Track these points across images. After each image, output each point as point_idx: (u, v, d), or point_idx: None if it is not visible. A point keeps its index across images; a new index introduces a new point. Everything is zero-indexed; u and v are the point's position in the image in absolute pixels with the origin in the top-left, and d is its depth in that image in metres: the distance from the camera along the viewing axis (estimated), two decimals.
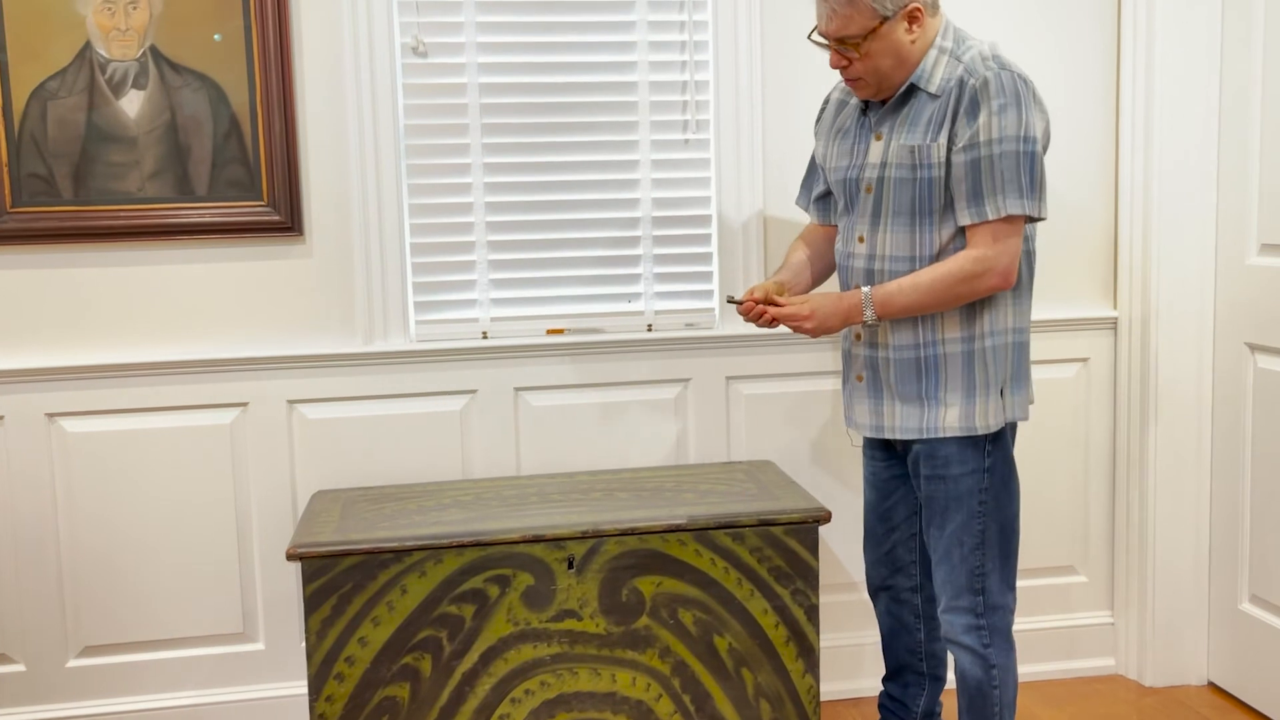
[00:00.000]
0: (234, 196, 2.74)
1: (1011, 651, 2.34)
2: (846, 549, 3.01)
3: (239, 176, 2.73)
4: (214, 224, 2.73)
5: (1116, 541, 3.14)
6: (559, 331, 2.91)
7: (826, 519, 2.50)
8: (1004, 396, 2.27)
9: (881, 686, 2.63)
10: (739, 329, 2.91)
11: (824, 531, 2.78)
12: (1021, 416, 2.32)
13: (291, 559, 2.36)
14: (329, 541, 2.38)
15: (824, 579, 2.91)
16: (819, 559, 2.52)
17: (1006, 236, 2.17)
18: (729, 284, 2.92)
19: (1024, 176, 2.15)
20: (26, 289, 2.70)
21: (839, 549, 3.02)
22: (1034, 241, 2.32)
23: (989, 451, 2.28)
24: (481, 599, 2.41)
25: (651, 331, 2.93)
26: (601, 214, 2.90)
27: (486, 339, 2.88)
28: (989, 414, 2.26)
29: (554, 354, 2.88)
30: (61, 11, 2.63)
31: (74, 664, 2.80)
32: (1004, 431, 2.30)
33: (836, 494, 3.00)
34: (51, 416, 2.73)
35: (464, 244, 2.86)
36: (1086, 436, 3.11)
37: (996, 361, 2.26)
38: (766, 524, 2.47)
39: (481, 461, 2.89)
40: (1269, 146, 2.77)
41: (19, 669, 2.77)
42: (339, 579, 2.37)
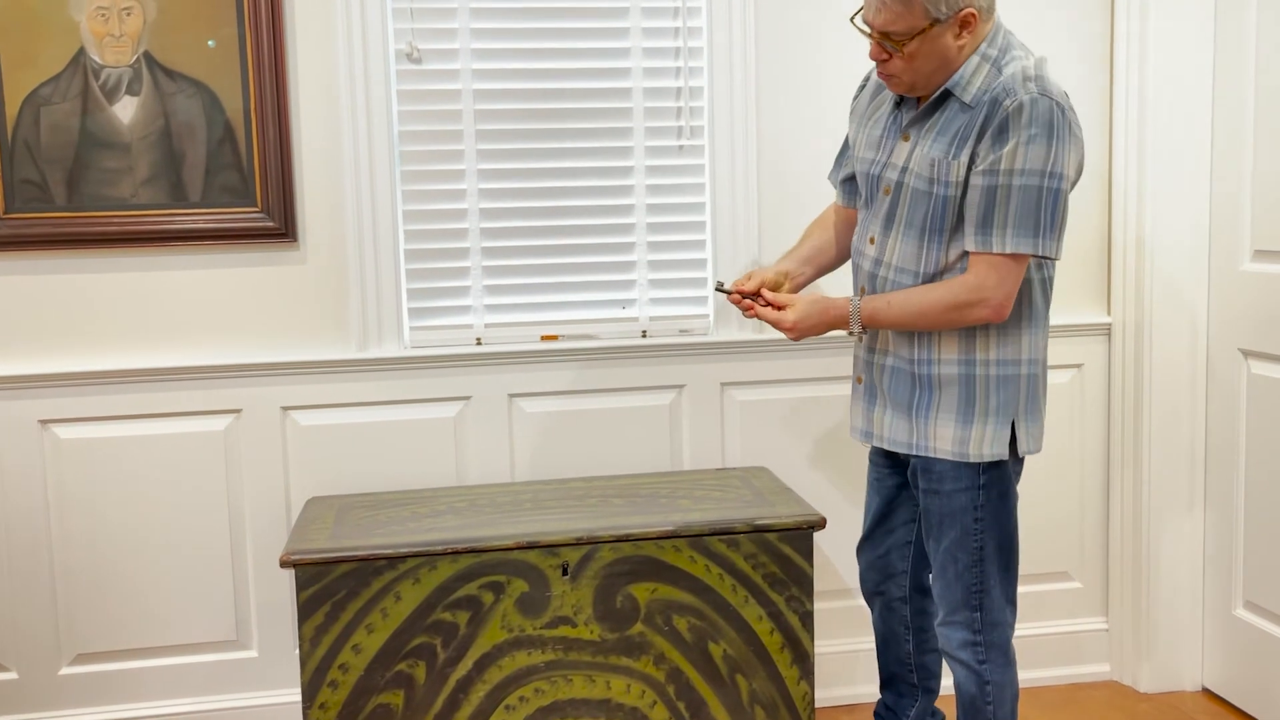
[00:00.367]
0: (228, 203, 2.73)
1: (1009, 668, 2.29)
2: (841, 555, 3.01)
3: (233, 183, 2.73)
4: (208, 230, 2.72)
5: (1111, 548, 3.14)
6: (553, 338, 2.91)
7: (821, 525, 2.50)
8: (1015, 429, 2.20)
9: (878, 693, 2.63)
10: (734, 335, 2.91)
11: (819, 538, 2.77)
12: (1033, 449, 2.24)
13: (285, 566, 2.35)
14: (323, 548, 2.38)
15: (819, 585, 2.90)
16: (814, 565, 2.52)
17: (1006, 271, 2.10)
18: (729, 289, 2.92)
19: (1043, 214, 2.06)
20: (19, 295, 2.70)
21: (834, 555, 3.01)
22: (1050, 269, 2.23)
23: (984, 469, 2.21)
24: (476, 606, 2.41)
25: (646, 338, 2.93)
26: (596, 220, 2.90)
27: (481, 345, 2.87)
28: (986, 443, 2.18)
29: (548, 360, 2.88)
30: (55, 17, 2.62)
31: (66, 672, 2.78)
32: (1005, 462, 2.22)
33: (831, 500, 3.00)
34: (44, 423, 2.72)
35: (458, 250, 2.86)
36: (1081, 443, 3.11)
37: (1004, 391, 2.19)
38: (761, 530, 2.47)
39: (476, 468, 2.88)
40: (1262, 153, 2.77)
41: (11, 677, 2.76)
42: (333, 586, 2.36)
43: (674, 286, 2.95)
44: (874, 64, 2.20)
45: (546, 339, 2.90)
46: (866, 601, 2.57)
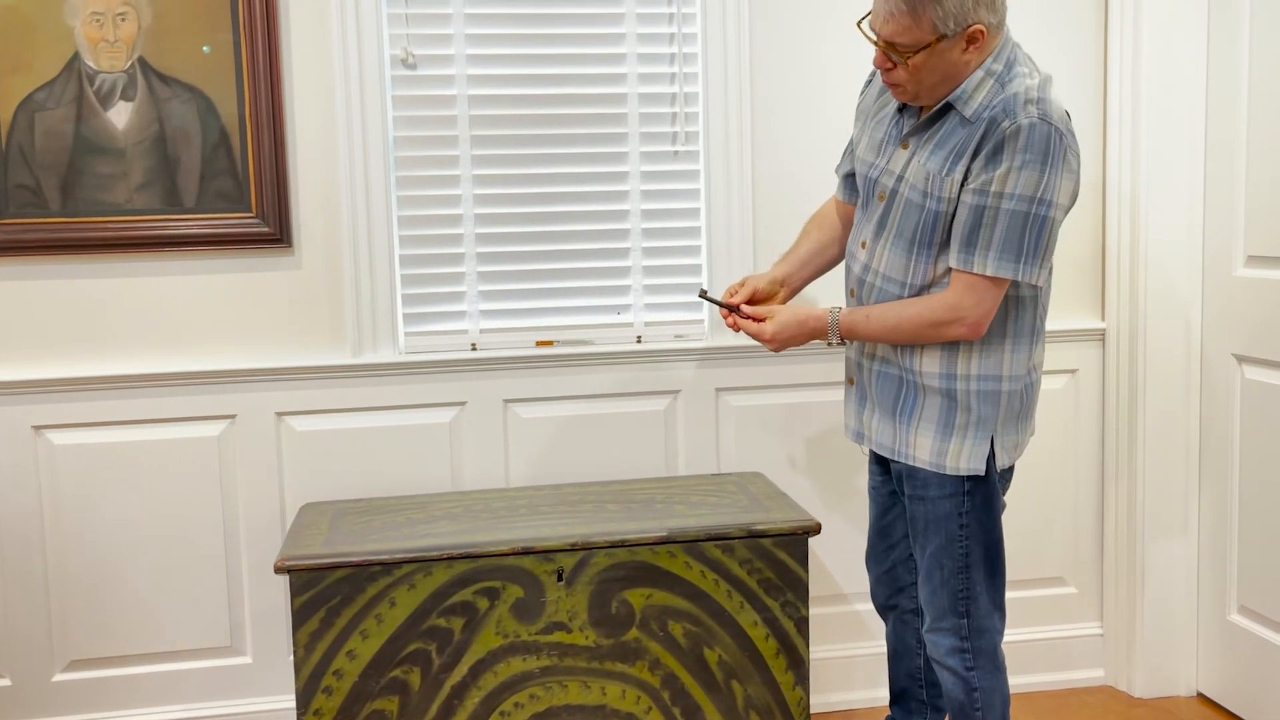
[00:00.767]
0: (223, 208, 2.73)
1: (998, 673, 2.28)
2: (836, 560, 3.01)
3: (228, 188, 2.73)
4: (202, 235, 2.72)
5: (1106, 553, 3.14)
6: (548, 343, 2.91)
7: (816, 530, 2.50)
8: (994, 444, 2.19)
9: (883, 704, 2.60)
10: (728, 340, 2.91)
11: (814, 543, 2.77)
12: (1009, 463, 2.24)
13: (280, 572, 2.35)
14: (317, 554, 2.37)
15: (814, 590, 2.90)
16: (809, 571, 2.52)
17: (985, 291, 2.08)
18: (718, 296, 2.91)
19: (1028, 240, 2.04)
20: (13, 300, 2.69)
21: (829, 560, 3.02)
22: (1046, 294, 2.21)
23: (968, 477, 2.20)
24: (471, 611, 2.40)
25: (641, 343, 2.93)
26: (591, 225, 2.90)
27: (475, 351, 2.87)
28: (964, 457, 2.18)
29: (543, 366, 2.88)
30: (50, 23, 2.62)
31: (60, 678, 2.78)
32: (989, 470, 2.21)
33: (826, 505, 3.00)
34: (38, 429, 2.71)
35: (453, 255, 2.86)
36: (1075, 448, 3.12)
37: (984, 407, 2.17)
38: (756, 536, 2.47)
39: (471, 474, 2.88)
40: (1255, 159, 2.78)
41: (4, 683, 2.75)
42: (327, 592, 2.36)
43: (669, 292, 2.95)
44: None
45: (542, 344, 2.90)
46: (880, 615, 2.55)
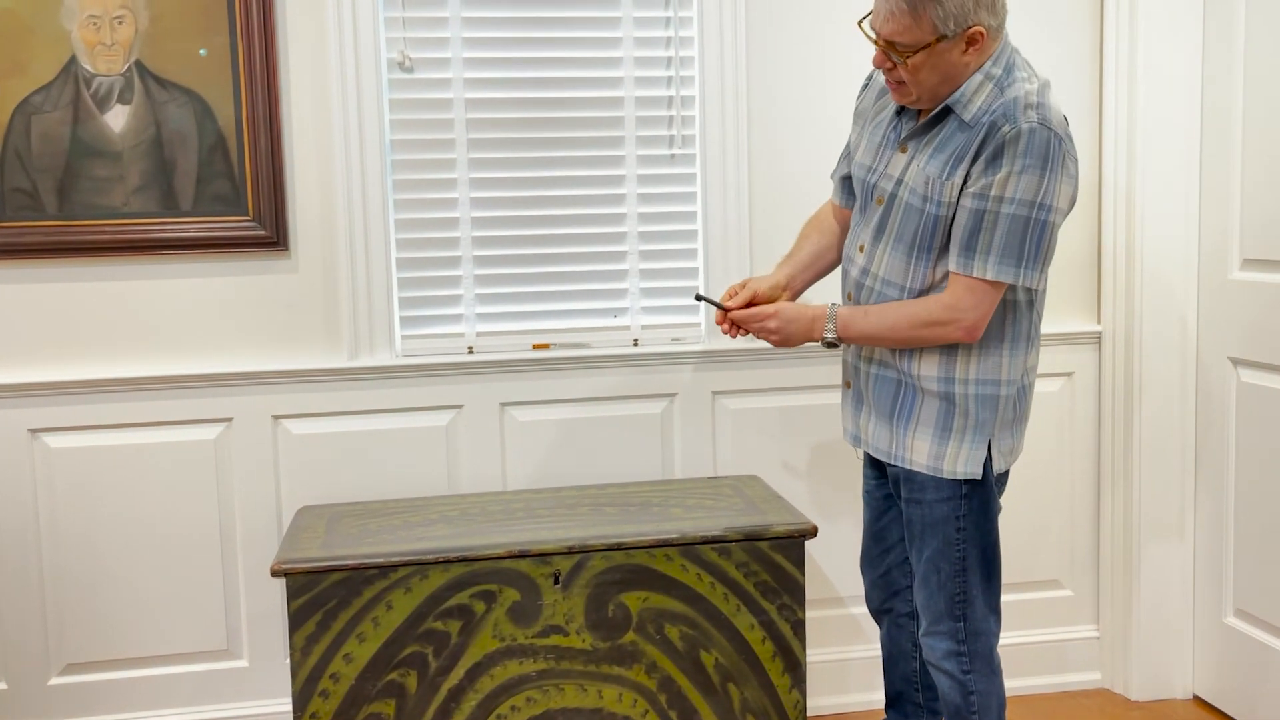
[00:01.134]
0: (219, 211, 2.73)
1: (994, 676, 2.28)
2: (833, 564, 3.01)
3: (224, 191, 2.73)
4: (199, 239, 2.72)
5: (1102, 556, 3.14)
6: (545, 346, 2.91)
7: (813, 534, 2.50)
8: (991, 448, 2.19)
9: (879, 708, 2.60)
10: (725, 344, 2.91)
11: (810, 546, 2.77)
12: (1006, 466, 2.25)
13: (276, 575, 2.34)
14: (314, 557, 2.37)
15: (811, 594, 2.90)
16: (805, 574, 2.52)
17: (983, 294, 2.09)
18: (717, 297, 2.92)
19: (1028, 244, 2.05)
20: (9, 303, 2.69)
21: (826, 564, 3.02)
22: (1041, 299, 2.22)
23: (965, 480, 2.20)
24: (467, 615, 2.40)
25: (638, 346, 2.93)
26: (587, 229, 2.90)
27: (472, 354, 2.87)
28: (961, 461, 2.18)
29: (540, 369, 2.88)
30: (46, 26, 2.62)
31: (56, 682, 2.77)
32: (986, 474, 2.22)
33: (823, 509, 3.00)
34: (34, 432, 2.71)
35: (450, 259, 2.86)
36: (1071, 451, 3.12)
37: (982, 410, 2.18)
38: (753, 539, 2.47)
39: (467, 477, 2.88)
40: (1250, 162, 2.79)
41: (0, 687, 2.75)
42: (324, 595, 2.36)
43: (665, 295, 2.95)
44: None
45: (538, 347, 2.90)
46: (874, 619, 2.55)
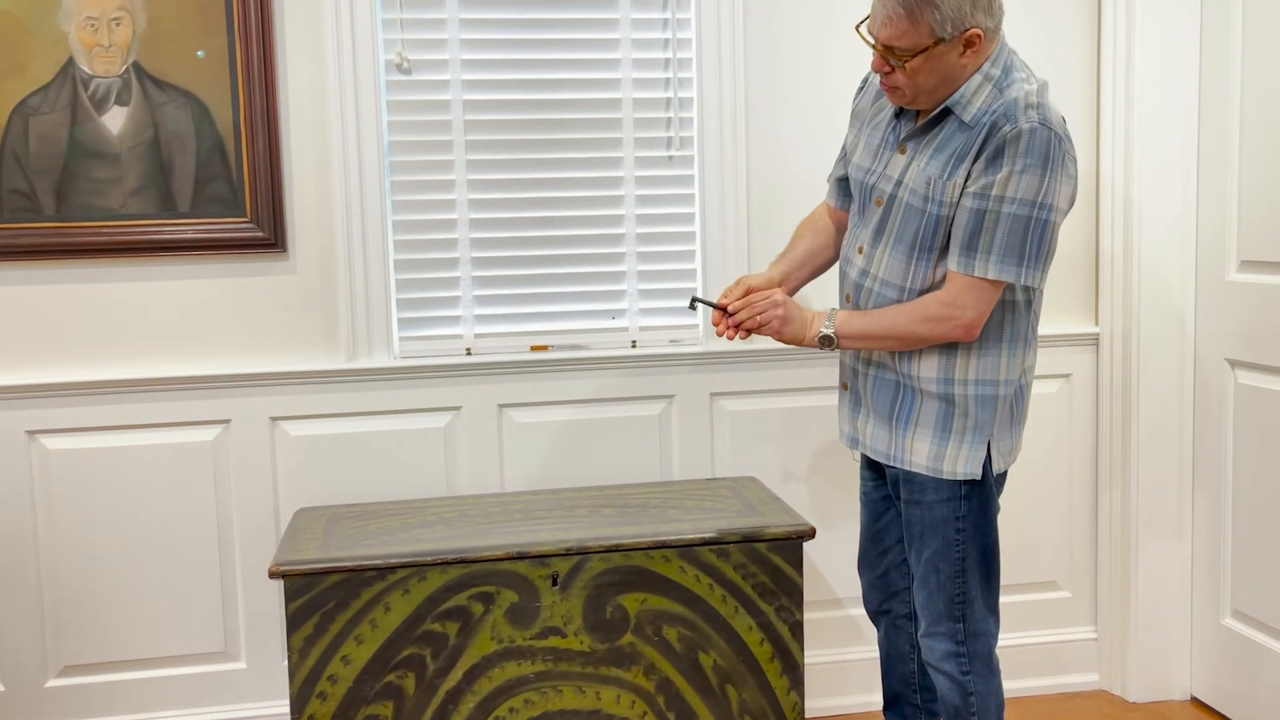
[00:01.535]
0: (217, 213, 2.73)
1: (993, 677, 2.29)
2: (831, 565, 3.01)
3: (222, 193, 2.73)
4: (197, 240, 2.72)
5: (1100, 557, 3.14)
6: (543, 348, 2.91)
7: (811, 535, 2.50)
8: (990, 448, 2.19)
9: (877, 709, 2.59)
10: (723, 345, 2.91)
11: (809, 548, 2.77)
12: (1005, 467, 2.25)
13: (274, 577, 2.34)
14: (312, 559, 2.37)
15: (809, 595, 2.91)
16: (803, 575, 2.52)
17: (982, 292, 2.10)
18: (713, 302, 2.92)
19: (1030, 244, 2.06)
20: (7, 305, 2.69)
21: (824, 565, 3.02)
22: (1039, 299, 2.23)
23: (964, 480, 2.21)
24: (465, 616, 2.40)
25: (636, 348, 2.93)
26: (586, 230, 2.91)
27: (470, 356, 2.87)
28: (961, 461, 2.19)
29: (538, 370, 2.88)
30: (44, 27, 2.62)
31: (53, 684, 2.77)
32: (985, 474, 2.22)
33: (821, 510, 3.01)
34: (32, 434, 2.71)
35: (448, 260, 2.86)
36: (1069, 452, 3.12)
37: (982, 411, 2.18)
38: (751, 540, 2.47)
39: (465, 478, 2.88)
40: (1247, 164, 2.79)
41: None
42: (322, 597, 2.36)
43: (664, 297, 2.95)
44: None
45: (536, 349, 2.90)
46: (872, 620, 2.54)
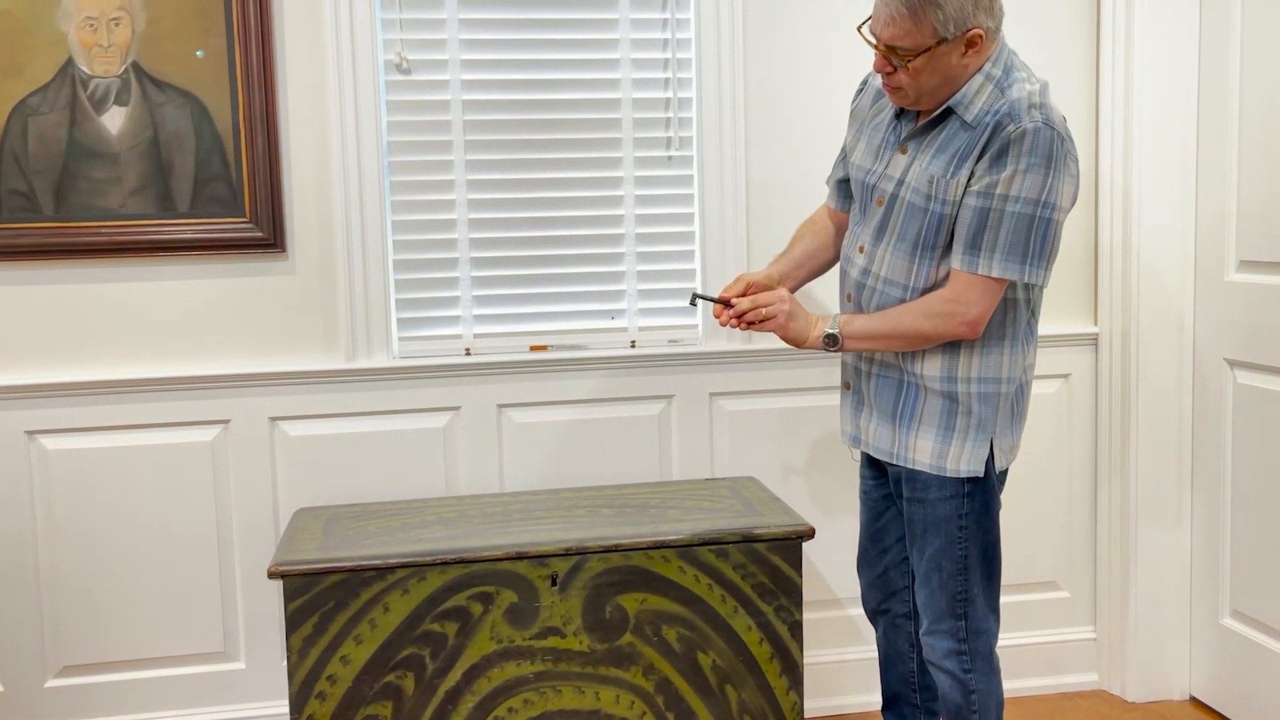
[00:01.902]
0: (216, 213, 2.73)
1: (994, 676, 2.29)
2: (831, 565, 3.01)
3: (221, 193, 2.73)
4: (196, 240, 2.72)
5: (1099, 557, 3.15)
6: (542, 348, 2.91)
7: (810, 535, 2.50)
8: (993, 446, 2.20)
9: (876, 709, 2.59)
10: (722, 345, 2.92)
11: (808, 548, 2.77)
12: (1007, 464, 2.26)
13: (273, 577, 2.34)
14: (311, 559, 2.37)
15: (808, 595, 2.91)
16: (803, 575, 2.52)
17: (986, 289, 2.11)
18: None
19: (1033, 242, 2.07)
20: (6, 305, 2.69)
21: (823, 565, 3.02)
22: (1039, 297, 2.24)
23: (967, 478, 2.21)
24: (464, 616, 2.40)
25: (635, 348, 2.93)
26: (585, 231, 2.91)
27: (469, 356, 2.87)
28: (964, 459, 2.19)
29: (537, 371, 2.88)
30: (43, 28, 2.62)
31: (53, 684, 2.77)
32: (988, 472, 2.23)
33: (820, 510, 3.01)
34: (31, 434, 2.71)
35: (447, 260, 2.86)
36: (1068, 452, 3.12)
37: (985, 409, 2.19)
38: (750, 540, 2.47)
39: (465, 478, 2.88)
40: (1246, 164, 2.79)
41: None
42: (321, 597, 2.36)
43: (663, 297, 2.95)
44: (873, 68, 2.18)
45: (535, 349, 2.90)
46: (870, 620, 2.54)
